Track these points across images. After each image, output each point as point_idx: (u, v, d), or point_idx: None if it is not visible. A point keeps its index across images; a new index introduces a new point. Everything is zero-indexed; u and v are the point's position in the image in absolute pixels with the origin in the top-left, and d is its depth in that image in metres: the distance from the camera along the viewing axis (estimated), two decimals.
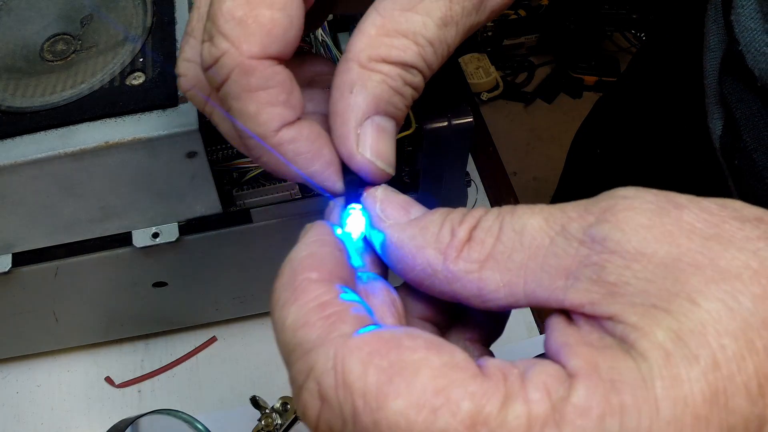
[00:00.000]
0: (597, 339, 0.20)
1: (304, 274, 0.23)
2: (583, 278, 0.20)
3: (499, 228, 0.22)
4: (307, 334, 0.21)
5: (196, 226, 0.48)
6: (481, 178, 0.73)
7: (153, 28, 0.46)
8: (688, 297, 0.19)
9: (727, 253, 0.19)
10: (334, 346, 0.20)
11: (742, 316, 0.18)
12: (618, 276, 0.20)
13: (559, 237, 0.21)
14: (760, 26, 0.42)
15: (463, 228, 0.22)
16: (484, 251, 0.22)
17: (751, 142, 0.46)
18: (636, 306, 0.19)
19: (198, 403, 0.59)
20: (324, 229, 0.25)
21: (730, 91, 0.46)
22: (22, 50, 0.46)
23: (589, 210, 0.21)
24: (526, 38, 2.01)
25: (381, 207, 0.25)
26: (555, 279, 0.21)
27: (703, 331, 0.18)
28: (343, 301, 0.22)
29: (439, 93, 0.45)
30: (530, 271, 0.21)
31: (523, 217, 0.22)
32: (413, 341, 0.20)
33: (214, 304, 0.58)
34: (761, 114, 0.45)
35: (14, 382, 0.61)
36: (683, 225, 0.20)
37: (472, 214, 0.23)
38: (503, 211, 0.22)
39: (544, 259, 0.21)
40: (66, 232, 0.46)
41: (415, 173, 0.49)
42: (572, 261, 0.21)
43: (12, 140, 0.41)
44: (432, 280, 0.23)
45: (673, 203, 0.20)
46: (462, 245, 0.22)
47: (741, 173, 0.47)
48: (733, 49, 0.44)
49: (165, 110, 0.42)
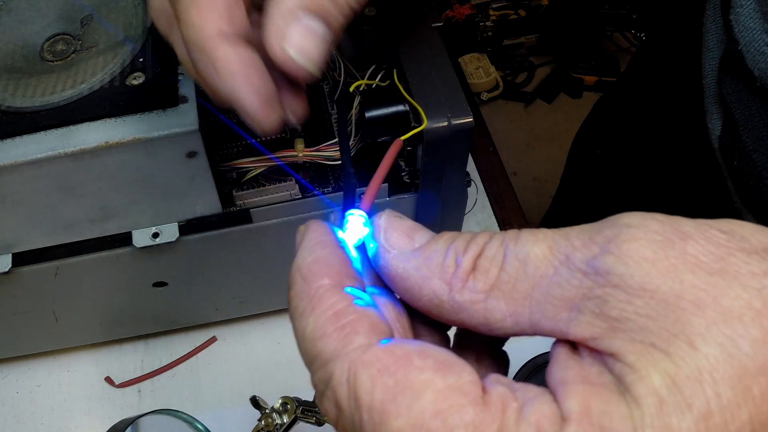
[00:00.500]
0: (596, 374, 0.20)
1: (316, 282, 0.23)
2: (586, 311, 0.20)
3: (503, 256, 0.22)
4: (325, 346, 0.22)
5: (196, 226, 0.48)
6: (481, 178, 0.73)
7: (153, 28, 0.46)
8: (688, 339, 0.19)
9: (731, 291, 0.19)
10: (349, 359, 0.21)
11: (741, 362, 0.18)
12: (620, 311, 0.20)
13: (563, 267, 0.21)
14: (760, 26, 0.42)
15: (468, 257, 0.22)
16: (489, 281, 0.22)
17: (750, 143, 0.46)
18: (636, 344, 0.19)
19: (198, 403, 0.59)
20: (322, 229, 0.25)
21: (729, 91, 0.46)
22: (22, 50, 0.46)
23: (594, 239, 0.21)
24: (526, 38, 2.01)
25: (385, 236, 0.25)
26: (559, 310, 0.21)
27: (699, 378, 0.18)
28: (356, 308, 0.22)
29: (439, 93, 0.45)
30: (534, 302, 0.21)
31: (527, 245, 0.22)
32: (423, 361, 0.20)
33: (214, 304, 0.58)
34: (760, 114, 0.45)
35: (14, 382, 0.61)
36: (688, 258, 0.19)
37: (475, 241, 0.23)
38: (507, 237, 0.22)
39: (548, 290, 0.21)
40: (66, 232, 0.46)
41: (415, 173, 0.49)
42: (576, 293, 0.20)
43: (12, 140, 0.41)
44: (439, 310, 0.23)
45: (679, 233, 0.20)
46: (467, 275, 0.22)
47: (740, 174, 0.47)
48: (732, 48, 0.44)
49: (165, 110, 0.42)
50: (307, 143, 0.56)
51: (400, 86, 0.46)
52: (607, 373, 0.20)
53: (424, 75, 0.46)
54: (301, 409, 0.51)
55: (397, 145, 0.37)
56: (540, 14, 2.01)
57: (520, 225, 0.70)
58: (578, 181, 0.90)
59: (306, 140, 0.55)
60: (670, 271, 0.19)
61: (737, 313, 0.18)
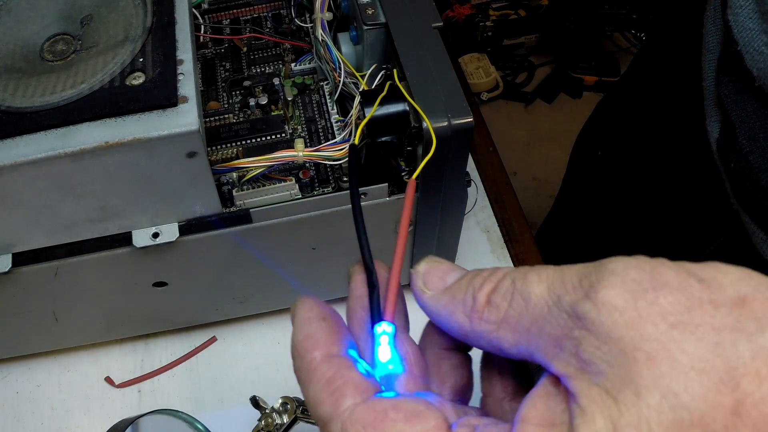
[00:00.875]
0: (558, 413, 0.22)
1: (309, 356, 0.27)
2: (566, 350, 0.22)
3: (512, 294, 0.24)
4: (323, 411, 0.26)
5: (196, 226, 0.48)
6: (481, 178, 0.73)
7: (153, 28, 0.46)
8: (636, 389, 0.20)
9: (686, 344, 0.20)
10: (341, 420, 0.25)
11: (679, 415, 0.19)
12: (590, 354, 0.21)
13: (554, 307, 0.23)
14: (759, 26, 0.42)
15: (483, 293, 0.25)
16: (499, 315, 0.25)
17: (747, 144, 0.46)
18: (593, 387, 0.21)
19: (198, 403, 0.59)
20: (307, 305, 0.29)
21: (727, 93, 0.46)
22: (22, 50, 0.46)
23: (581, 283, 0.22)
24: (526, 38, 2.01)
25: (424, 280, 0.28)
26: (548, 346, 0.23)
27: (638, 426, 0.19)
28: (343, 373, 0.27)
29: (439, 93, 0.45)
30: (532, 336, 0.23)
31: (530, 285, 0.24)
32: (396, 413, 0.25)
33: (214, 304, 0.59)
34: (757, 115, 0.45)
35: (14, 382, 0.61)
36: (655, 309, 0.20)
37: (491, 278, 0.25)
38: (518, 275, 0.25)
39: (542, 326, 0.23)
40: (66, 232, 0.46)
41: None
42: (560, 332, 0.22)
43: (12, 140, 0.41)
44: (465, 337, 0.27)
45: (655, 282, 0.21)
46: (482, 309, 0.25)
47: (737, 175, 0.47)
48: (732, 49, 0.44)
49: (165, 110, 0.42)
50: (307, 143, 0.56)
51: (401, 86, 0.46)
52: (566, 413, 0.22)
53: (424, 75, 0.46)
54: (301, 409, 0.51)
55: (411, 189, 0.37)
56: (540, 14, 2.01)
57: (519, 224, 0.70)
58: (580, 182, 0.90)
59: (306, 140, 0.55)
60: (635, 322, 0.20)
61: (686, 367, 0.19)
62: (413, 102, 0.45)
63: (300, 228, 0.50)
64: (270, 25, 0.63)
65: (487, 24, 1.97)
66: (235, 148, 0.54)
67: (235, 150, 0.54)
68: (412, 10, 0.50)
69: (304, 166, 0.52)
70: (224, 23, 0.64)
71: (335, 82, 0.53)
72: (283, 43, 0.61)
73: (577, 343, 0.21)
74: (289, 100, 0.57)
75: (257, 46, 0.62)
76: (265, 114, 0.57)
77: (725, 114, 0.47)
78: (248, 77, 0.60)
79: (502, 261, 0.67)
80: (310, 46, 0.61)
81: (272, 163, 0.49)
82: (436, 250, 0.57)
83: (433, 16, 0.50)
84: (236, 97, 0.58)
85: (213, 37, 0.62)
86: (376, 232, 0.52)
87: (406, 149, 0.47)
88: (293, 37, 0.62)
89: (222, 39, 0.62)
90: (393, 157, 0.49)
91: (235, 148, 0.55)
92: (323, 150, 0.48)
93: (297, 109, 0.58)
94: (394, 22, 0.50)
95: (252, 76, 0.60)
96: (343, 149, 0.48)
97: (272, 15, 0.64)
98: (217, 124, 0.56)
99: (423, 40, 0.48)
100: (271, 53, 0.61)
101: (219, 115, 0.57)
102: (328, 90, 0.58)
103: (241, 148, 0.55)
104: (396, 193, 0.49)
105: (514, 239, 0.69)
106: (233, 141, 0.55)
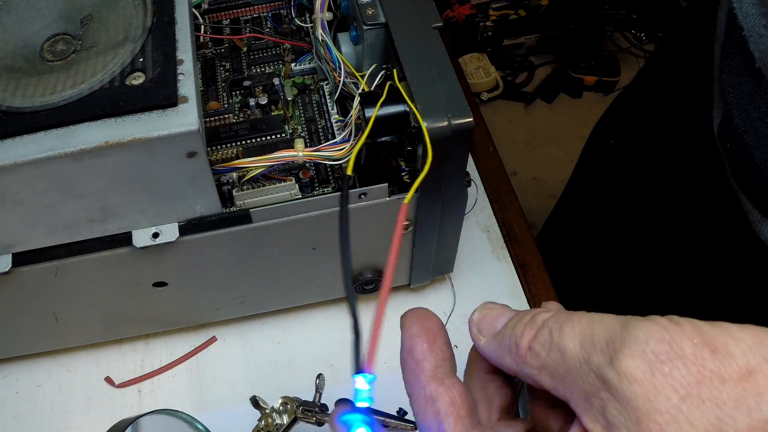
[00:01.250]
0: None
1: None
2: (594, 406, 0.24)
3: (550, 344, 0.27)
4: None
5: (196, 226, 0.48)
6: (481, 178, 0.73)
7: (153, 28, 0.46)
8: None
9: (693, 418, 0.22)
10: None
11: None
12: (613, 417, 0.23)
13: (585, 365, 0.25)
14: (758, 10, 0.44)
15: (525, 340, 0.28)
16: (540, 362, 0.27)
17: (742, 124, 0.47)
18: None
19: (198, 403, 0.59)
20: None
21: (727, 77, 0.47)
22: (22, 50, 0.46)
23: (609, 347, 0.24)
24: (526, 38, 2.01)
25: (477, 328, 0.31)
26: (580, 398, 0.25)
27: None
28: None
29: (439, 93, 0.45)
30: (567, 384, 0.26)
31: (565, 339, 0.26)
32: None
33: (214, 304, 0.59)
34: (753, 96, 0.46)
35: (14, 382, 0.61)
36: (669, 382, 0.23)
37: (531, 325, 0.28)
38: (555, 326, 0.27)
39: (575, 378, 0.25)
40: (66, 232, 0.46)
41: (415, 173, 0.49)
42: (590, 388, 0.25)
43: (12, 140, 0.41)
44: (515, 375, 0.29)
45: (672, 354, 0.23)
46: (525, 354, 0.28)
47: (733, 155, 0.48)
48: (736, 34, 0.45)
49: (165, 110, 0.42)
50: (307, 143, 0.56)
51: (400, 87, 0.46)
52: None
53: (424, 75, 0.46)
54: (301, 409, 0.51)
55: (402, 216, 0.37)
56: (540, 14, 2.01)
57: (519, 224, 0.70)
58: (590, 170, 0.91)
59: (306, 140, 0.55)
60: (650, 395, 0.23)
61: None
62: (411, 104, 0.45)
63: (300, 228, 0.50)
64: (270, 25, 0.63)
65: (487, 24, 1.97)
66: (235, 148, 0.54)
67: (235, 150, 0.54)
68: (412, 10, 0.50)
69: (304, 166, 0.52)
70: (224, 23, 0.64)
71: (335, 82, 0.53)
72: (283, 43, 0.62)
73: (604, 402, 0.24)
74: (289, 100, 0.57)
75: (257, 46, 0.62)
76: (265, 114, 0.57)
77: (725, 98, 0.48)
78: (248, 77, 0.60)
79: (502, 261, 0.67)
80: (310, 46, 0.61)
81: (272, 163, 0.49)
82: (436, 250, 0.57)
83: (433, 16, 0.50)
84: (236, 97, 0.58)
85: (213, 37, 0.62)
86: (376, 232, 0.52)
87: (406, 149, 0.47)
88: (293, 37, 0.62)
89: (222, 39, 0.62)
90: (393, 157, 0.49)
91: (235, 148, 0.55)
92: (323, 150, 0.48)
93: (297, 109, 0.58)
94: (394, 22, 0.50)
95: (252, 76, 0.60)
96: (343, 149, 0.48)
97: (272, 15, 0.64)
98: (217, 124, 0.56)
99: (423, 40, 0.48)
100: (271, 53, 0.61)
101: (219, 115, 0.57)
102: (328, 90, 0.58)
103: (241, 148, 0.55)
104: (396, 193, 0.49)
105: (514, 239, 0.69)
106: (233, 141, 0.55)
